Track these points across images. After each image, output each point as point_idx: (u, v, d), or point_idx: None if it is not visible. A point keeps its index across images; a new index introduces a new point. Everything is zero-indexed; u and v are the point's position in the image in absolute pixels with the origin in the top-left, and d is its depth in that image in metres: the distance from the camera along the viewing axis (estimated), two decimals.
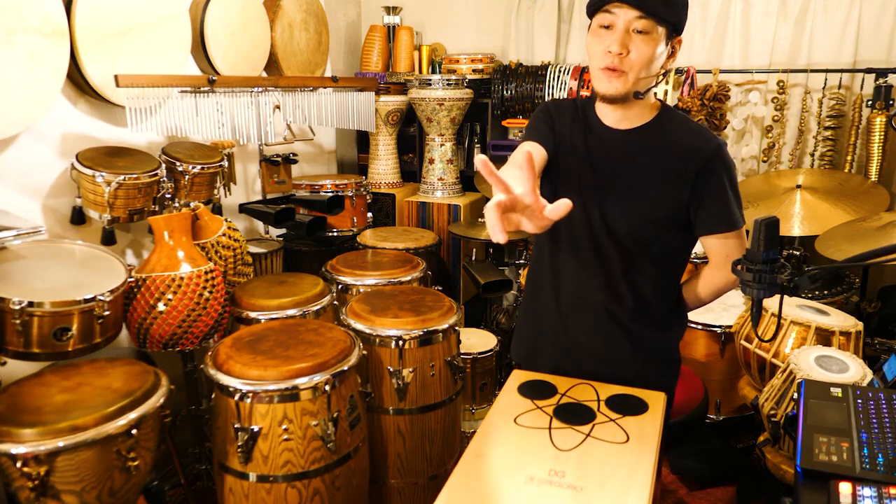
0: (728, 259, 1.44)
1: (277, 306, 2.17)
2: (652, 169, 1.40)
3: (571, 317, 1.54)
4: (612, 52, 1.28)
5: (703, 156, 1.36)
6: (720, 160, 1.37)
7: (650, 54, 1.28)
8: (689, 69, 3.10)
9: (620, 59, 1.29)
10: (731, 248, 1.43)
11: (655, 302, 1.49)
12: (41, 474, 1.37)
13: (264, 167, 2.86)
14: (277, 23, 2.97)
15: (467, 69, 3.43)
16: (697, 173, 1.36)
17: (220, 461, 1.75)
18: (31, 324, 1.63)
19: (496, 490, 1.12)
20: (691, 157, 1.37)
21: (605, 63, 1.30)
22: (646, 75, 1.31)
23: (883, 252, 1.11)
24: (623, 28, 1.27)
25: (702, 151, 1.36)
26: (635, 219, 1.41)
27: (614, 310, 1.49)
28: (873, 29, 2.88)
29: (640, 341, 1.51)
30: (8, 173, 2.04)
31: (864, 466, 1.10)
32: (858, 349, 2.07)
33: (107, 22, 2.17)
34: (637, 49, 1.27)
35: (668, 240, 1.44)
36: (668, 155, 1.39)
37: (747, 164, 3.20)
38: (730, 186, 1.38)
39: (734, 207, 1.40)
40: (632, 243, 1.43)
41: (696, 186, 1.37)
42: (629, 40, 1.27)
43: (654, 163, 1.40)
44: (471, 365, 2.60)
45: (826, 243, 2.42)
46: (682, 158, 1.37)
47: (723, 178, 1.37)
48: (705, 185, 1.37)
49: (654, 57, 1.29)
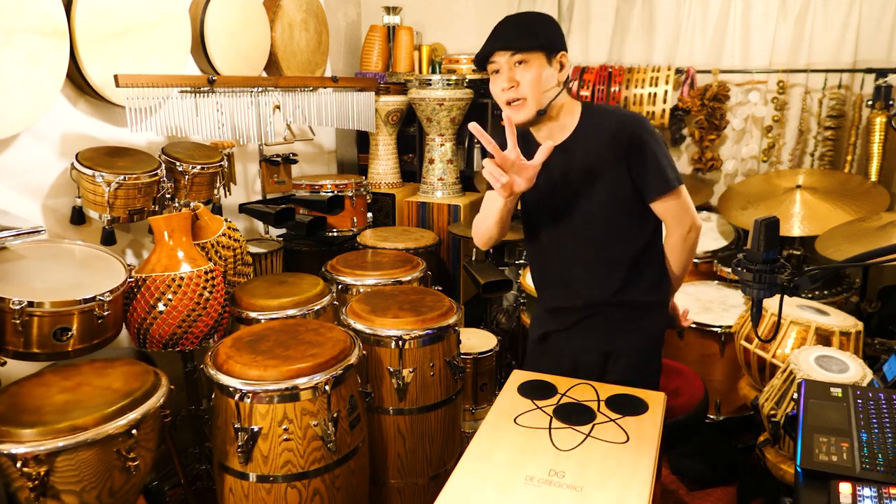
0: (676, 220, 1.61)
1: (277, 306, 2.17)
2: (590, 164, 1.57)
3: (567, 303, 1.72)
4: (504, 88, 1.51)
5: (627, 135, 1.53)
6: (642, 132, 1.53)
7: (536, 76, 1.49)
8: (689, 69, 3.10)
9: (514, 91, 1.50)
10: (674, 208, 1.59)
11: (638, 277, 1.65)
12: (41, 474, 1.37)
13: (264, 167, 2.86)
14: (277, 23, 2.97)
15: (467, 69, 3.42)
16: (627, 151, 1.53)
17: (220, 461, 1.75)
18: (31, 324, 1.63)
19: (496, 490, 1.12)
20: (618, 141, 1.53)
21: (505, 98, 1.53)
22: (542, 93, 1.51)
23: (883, 252, 1.11)
24: (506, 67, 1.50)
25: (624, 132, 1.53)
26: (596, 210, 1.59)
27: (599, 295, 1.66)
28: (873, 29, 2.87)
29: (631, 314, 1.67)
30: (8, 173, 2.04)
31: (864, 466, 1.10)
32: (858, 349, 2.07)
33: (107, 22, 2.17)
34: (522, 77, 1.50)
35: (633, 219, 1.62)
36: (600, 148, 1.56)
37: (747, 164, 3.20)
38: (658, 152, 1.55)
39: (667, 171, 1.55)
40: (601, 233, 1.62)
41: (630, 163, 1.54)
42: (514, 73, 1.50)
43: (592, 160, 1.57)
44: (471, 365, 2.60)
45: (826, 243, 2.42)
46: (611, 146, 1.54)
47: (649, 146, 1.53)
48: (636, 158, 1.54)
49: (541, 77, 1.50)
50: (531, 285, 2.75)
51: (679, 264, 1.70)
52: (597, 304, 1.67)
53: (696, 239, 1.66)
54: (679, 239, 1.64)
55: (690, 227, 1.63)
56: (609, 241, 1.63)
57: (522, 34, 1.49)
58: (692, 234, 1.64)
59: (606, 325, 1.68)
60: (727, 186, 3.19)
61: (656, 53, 3.22)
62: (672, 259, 1.69)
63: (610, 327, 1.68)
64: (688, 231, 1.62)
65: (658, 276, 1.70)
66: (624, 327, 1.68)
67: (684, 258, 1.68)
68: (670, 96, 3.03)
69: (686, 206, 1.61)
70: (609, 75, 3.12)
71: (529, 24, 1.52)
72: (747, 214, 2.84)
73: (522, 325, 2.93)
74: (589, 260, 1.65)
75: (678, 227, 1.63)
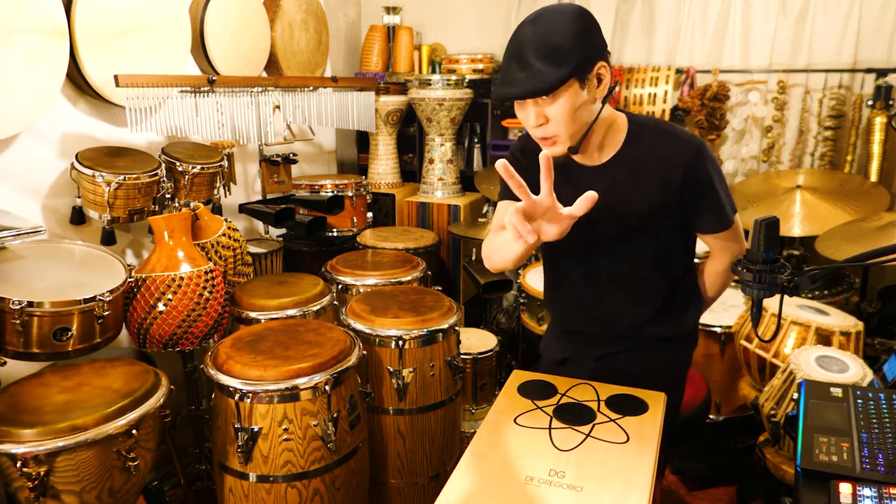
0: (726, 250, 1.53)
1: (277, 306, 2.17)
2: (635, 188, 1.40)
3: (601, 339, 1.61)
4: (533, 125, 1.30)
5: (685, 163, 1.36)
6: (702, 161, 1.36)
7: (567, 111, 1.27)
8: (689, 69, 3.10)
9: (544, 129, 1.30)
10: (727, 240, 1.51)
11: (671, 309, 1.55)
12: (41, 474, 1.37)
13: (264, 167, 2.86)
14: (277, 23, 2.97)
15: (467, 69, 3.42)
16: (683, 183, 1.37)
17: (220, 461, 1.75)
18: (31, 324, 1.63)
19: (496, 490, 1.12)
20: (672, 170, 1.36)
21: (536, 135, 1.34)
22: (576, 124, 1.30)
23: (883, 252, 1.11)
24: (531, 104, 1.28)
25: (682, 159, 1.36)
26: (635, 241, 1.46)
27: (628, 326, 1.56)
28: (873, 29, 2.87)
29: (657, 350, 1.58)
30: (8, 173, 2.04)
31: (864, 466, 1.10)
32: (858, 349, 2.07)
33: (107, 22, 2.17)
34: (552, 113, 1.27)
35: (673, 251, 1.51)
36: (650, 175, 1.38)
37: (747, 164, 3.20)
38: (718, 184, 1.40)
39: (726, 206, 1.42)
40: (635, 264, 1.49)
41: (685, 196, 1.38)
42: (542, 109, 1.28)
43: (637, 188, 1.40)
44: (471, 365, 2.60)
45: (826, 243, 2.42)
46: (663, 174, 1.37)
47: (709, 178, 1.38)
48: (693, 192, 1.38)
49: (573, 108, 1.27)
50: (531, 285, 2.75)
51: (717, 290, 1.62)
52: (624, 336, 1.57)
53: None
54: (725, 268, 1.55)
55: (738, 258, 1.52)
56: (643, 272, 1.49)
57: (550, 69, 1.21)
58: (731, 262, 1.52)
59: (635, 356, 1.58)
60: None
61: (656, 53, 3.22)
62: (710, 284, 1.61)
63: (638, 359, 1.58)
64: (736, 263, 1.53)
65: (691, 307, 1.61)
66: (653, 357, 1.58)
67: (724, 285, 1.61)
68: (670, 96, 3.03)
69: (738, 236, 1.50)
70: None
71: (556, 52, 1.21)
72: (747, 214, 2.84)
73: (522, 325, 2.93)
74: (620, 289, 1.52)
75: (727, 257, 1.53)
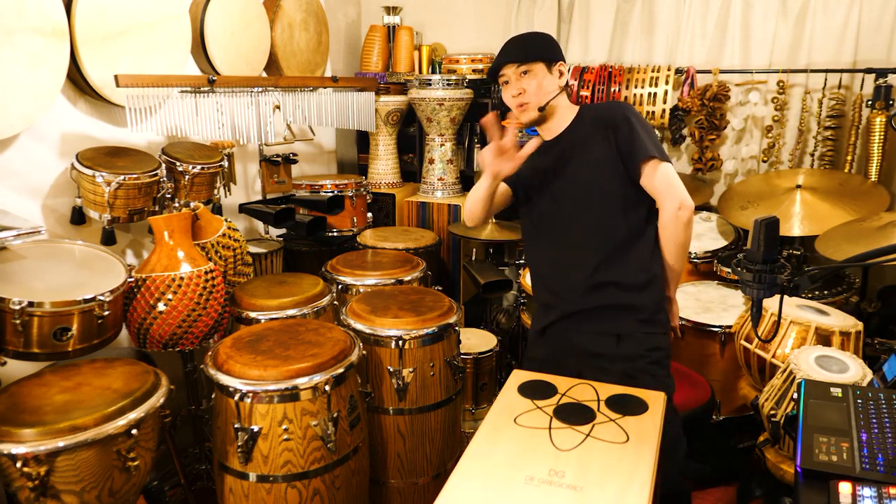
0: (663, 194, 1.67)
1: (277, 306, 2.17)
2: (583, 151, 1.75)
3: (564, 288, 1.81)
4: (514, 95, 1.77)
5: (612, 116, 1.72)
6: (624, 111, 1.72)
7: (538, 83, 1.74)
8: (689, 69, 3.10)
9: (521, 97, 1.76)
10: (659, 180, 1.67)
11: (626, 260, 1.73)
12: (41, 474, 1.37)
13: (264, 167, 2.86)
14: (277, 23, 2.97)
15: (467, 69, 3.42)
16: (614, 130, 1.70)
17: (220, 461, 1.75)
18: (31, 324, 1.63)
19: (496, 490, 1.12)
20: (604, 122, 1.73)
21: (515, 104, 1.79)
22: (542, 96, 1.75)
23: (883, 252, 1.11)
24: (514, 77, 1.76)
25: (611, 115, 1.73)
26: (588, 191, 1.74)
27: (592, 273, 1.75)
28: (873, 29, 2.87)
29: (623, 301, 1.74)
30: (8, 173, 2.04)
31: (864, 466, 1.11)
32: (858, 349, 2.07)
33: (107, 22, 2.17)
34: (527, 85, 1.75)
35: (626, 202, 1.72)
36: (590, 133, 1.74)
37: (747, 164, 3.20)
38: (640, 127, 1.69)
39: (646, 142, 1.67)
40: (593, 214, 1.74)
41: (617, 141, 1.70)
42: (520, 83, 1.75)
43: (581, 144, 1.75)
44: (471, 365, 2.60)
45: (826, 243, 2.42)
46: (597, 126, 1.74)
47: (629, 121, 1.69)
48: (617, 133, 1.70)
49: (542, 83, 1.74)
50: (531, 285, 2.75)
51: (673, 247, 1.73)
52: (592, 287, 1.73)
53: (688, 219, 1.67)
54: (670, 216, 1.67)
55: (680, 204, 1.65)
56: (601, 222, 1.72)
57: (526, 49, 1.76)
58: (683, 213, 1.66)
59: (609, 311, 1.73)
60: (727, 186, 3.19)
61: (656, 53, 3.22)
62: (665, 241, 1.73)
63: (613, 313, 1.73)
64: (678, 207, 1.65)
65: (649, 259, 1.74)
66: (626, 314, 1.73)
67: (678, 239, 1.70)
68: (670, 96, 3.03)
69: (672, 181, 1.67)
70: (609, 75, 3.11)
71: (530, 41, 1.79)
72: (747, 214, 2.84)
73: (522, 325, 2.93)
74: (582, 242, 1.75)
75: (667, 201, 1.67)
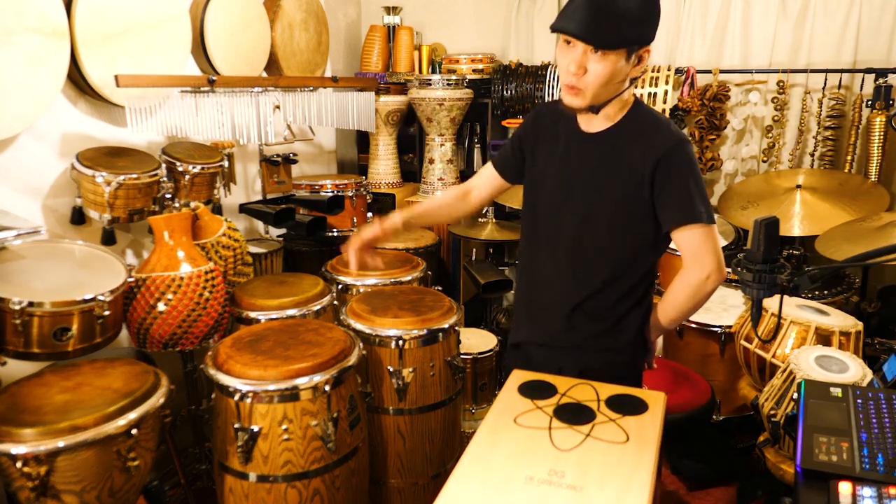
0: (696, 257, 1.43)
1: (277, 306, 2.17)
2: (612, 165, 1.46)
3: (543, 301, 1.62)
4: (571, 71, 1.36)
5: (662, 148, 1.40)
6: (679, 154, 1.40)
7: (607, 73, 1.34)
8: (689, 69, 3.10)
9: (578, 78, 1.36)
10: (697, 243, 1.42)
11: (608, 298, 1.53)
12: (41, 474, 1.37)
13: (264, 167, 2.86)
14: (277, 23, 2.97)
15: (467, 69, 3.43)
16: (655, 165, 1.40)
17: (220, 461, 1.75)
18: (31, 324, 1.63)
19: (496, 490, 1.12)
20: (649, 149, 1.40)
21: (566, 81, 1.39)
22: (603, 90, 1.38)
23: (883, 252, 1.11)
24: (581, 49, 1.34)
25: (661, 144, 1.40)
26: (602, 208, 1.48)
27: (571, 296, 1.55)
28: (873, 29, 2.87)
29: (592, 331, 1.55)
30: (8, 173, 2.04)
31: (864, 466, 1.10)
32: (858, 349, 2.07)
33: (107, 22, 2.17)
34: (593, 69, 1.34)
35: (636, 238, 1.49)
36: (629, 149, 1.44)
37: (747, 164, 3.20)
38: (692, 181, 1.40)
39: (696, 201, 1.39)
40: (597, 234, 1.50)
41: (655, 178, 1.41)
42: (586, 60, 1.34)
43: (615, 159, 1.45)
44: (471, 365, 2.60)
45: (826, 243, 2.42)
46: (641, 150, 1.42)
47: (682, 171, 1.39)
48: (664, 177, 1.40)
49: (612, 74, 1.35)
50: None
51: (677, 308, 1.51)
52: (573, 307, 1.54)
53: (711, 290, 1.44)
54: (693, 282, 1.44)
55: (709, 274, 1.41)
56: (604, 246, 1.50)
57: (612, 27, 1.29)
58: (709, 284, 1.43)
59: (582, 342, 1.56)
60: (727, 186, 3.19)
61: (656, 53, 3.22)
62: (672, 299, 1.51)
63: (586, 345, 1.56)
64: (706, 277, 1.42)
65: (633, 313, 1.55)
66: (598, 344, 1.56)
67: (688, 305, 1.49)
68: (670, 96, 3.03)
69: (710, 247, 1.41)
70: None
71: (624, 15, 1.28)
72: (747, 214, 2.84)
73: None
74: (577, 259, 1.53)
75: (697, 268, 1.43)
